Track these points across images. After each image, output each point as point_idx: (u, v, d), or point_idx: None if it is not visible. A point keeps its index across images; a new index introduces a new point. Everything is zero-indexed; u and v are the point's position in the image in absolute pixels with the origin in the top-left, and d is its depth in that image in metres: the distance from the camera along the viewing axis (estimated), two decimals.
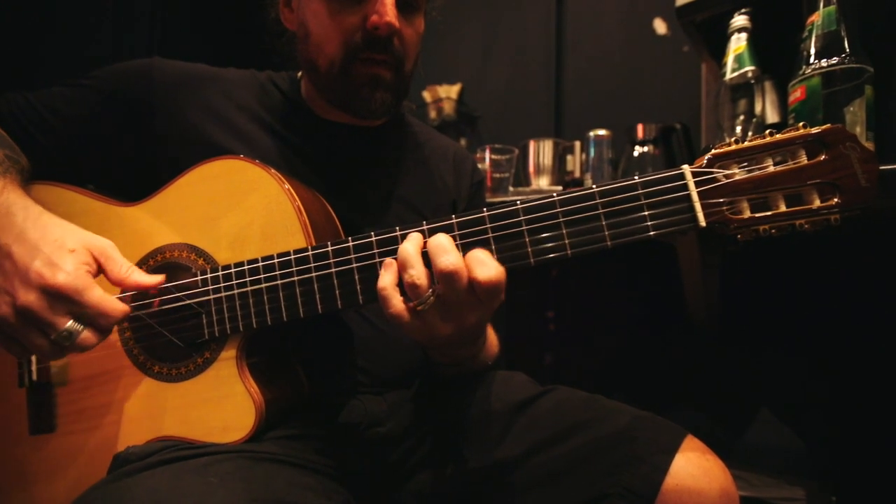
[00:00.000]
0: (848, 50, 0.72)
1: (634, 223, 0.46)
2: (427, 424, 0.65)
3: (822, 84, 0.72)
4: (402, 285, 0.46)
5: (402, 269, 0.46)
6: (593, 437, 0.57)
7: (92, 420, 0.56)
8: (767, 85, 0.86)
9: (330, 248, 0.51)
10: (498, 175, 1.22)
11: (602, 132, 1.16)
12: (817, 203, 0.47)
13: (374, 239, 0.49)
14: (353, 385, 0.64)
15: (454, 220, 0.48)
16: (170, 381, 0.55)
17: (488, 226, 0.47)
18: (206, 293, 0.54)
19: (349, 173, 0.70)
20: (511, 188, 1.24)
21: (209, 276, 0.54)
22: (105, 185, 0.65)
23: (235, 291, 0.53)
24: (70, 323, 0.46)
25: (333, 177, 0.68)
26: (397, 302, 0.46)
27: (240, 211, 0.55)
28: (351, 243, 0.50)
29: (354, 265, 0.50)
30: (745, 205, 0.47)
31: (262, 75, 0.74)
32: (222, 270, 0.54)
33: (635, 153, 1.30)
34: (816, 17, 0.74)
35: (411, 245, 0.46)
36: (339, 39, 0.62)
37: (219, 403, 0.53)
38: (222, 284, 0.54)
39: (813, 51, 0.74)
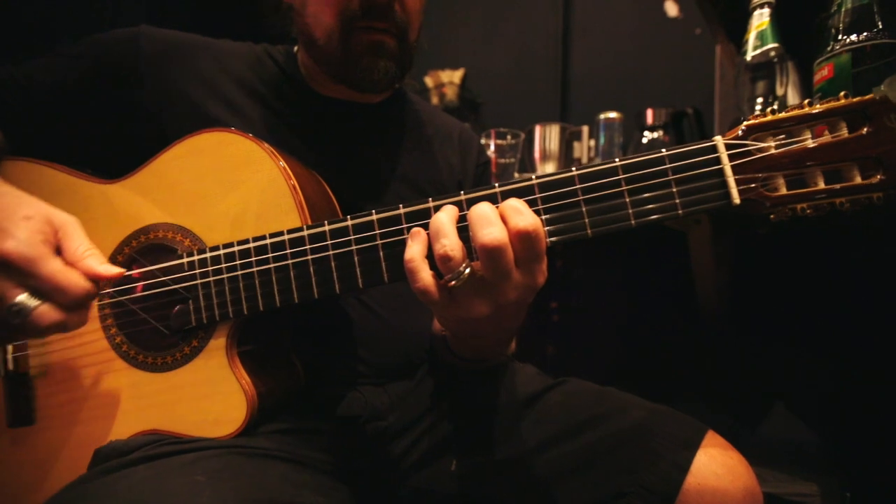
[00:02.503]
0: (880, 24, 0.67)
1: (661, 200, 0.42)
2: (431, 418, 0.62)
3: (851, 61, 0.68)
4: (432, 259, 0.41)
5: (433, 238, 0.40)
6: (608, 432, 0.54)
7: (73, 413, 0.53)
8: (790, 65, 0.81)
9: (327, 228, 0.47)
10: (503, 161, 1.17)
11: (613, 115, 1.12)
12: (858, 180, 0.43)
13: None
14: (353, 376, 0.61)
15: (462, 197, 0.44)
16: (155, 371, 0.51)
17: (500, 203, 0.43)
18: (194, 277, 0.50)
19: (347, 151, 0.66)
20: (516, 174, 1.20)
21: (196, 258, 0.50)
22: (91, 161, 0.61)
23: (224, 275, 0.49)
24: (23, 296, 0.41)
25: (331, 154, 0.64)
26: (426, 275, 0.40)
27: (230, 188, 0.51)
28: (350, 223, 0.46)
29: (354, 247, 0.46)
30: (781, 181, 0.43)
31: (258, 47, 0.69)
32: (210, 252, 0.50)
33: (644, 139, 1.26)
34: None
35: (445, 215, 0.41)
36: (336, 8, 0.58)
37: (208, 395, 0.49)
38: (210, 268, 0.50)
39: (842, 26, 0.70)
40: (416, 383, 0.66)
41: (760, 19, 0.79)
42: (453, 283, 0.39)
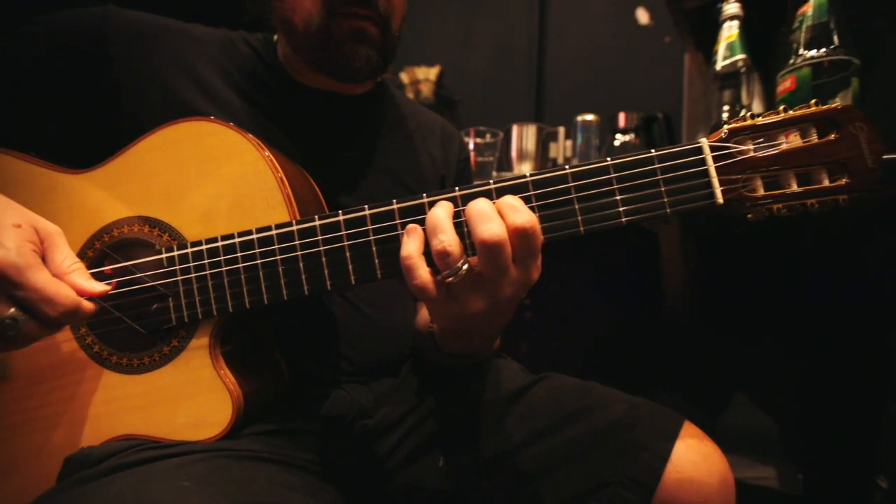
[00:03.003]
0: (837, 42, 0.72)
1: (650, 199, 0.43)
2: (417, 415, 0.62)
3: (812, 75, 0.73)
4: (429, 255, 0.41)
5: (431, 234, 0.40)
6: (592, 425, 0.56)
7: (37, 420, 0.49)
8: (755, 75, 0.86)
9: (317, 223, 0.46)
10: (482, 159, 1.18)
11: (590, 117, 1.15)
12: (826, 183, 0.46)
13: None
14: (338, 374, 0.60)
15: (457, 193, 0.44)
16: (131, 373, 0.48)
17: (495, 200, 0.44)
18: (174, 273, 0.48)
19: (329, 143, 0.65)
20: (494, 173, 1.21)
21: (176, 253, 0.48)
22: (57, 153, 0.56)
23: (208, 272, 0.47)
24: (13, 310, 0.39)
25: (312, 147, 0.62)
26: (423, 272, 0.40)
27: (212, 180, 0.49)
28: (342, 217, 0.45)
29: (346, 242, 0.45)
30: (759, 182, 0.45)
31: (235, 34, 0.67)
32: (192, 248, 0.48)
33: (616, 141, 1.30)
34: (808, 8, 0.75)
35: (442, 210, 0.41)
36: None
37: (189, 397, 0.47)
38: (192, 263, 0.48)
39: (803, 41, 0.74)
40: (401, 381, 0.65)
41: (730, 31, 0.83)
42: (451, 278, 0.39)
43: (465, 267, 0.40)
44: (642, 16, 1.43)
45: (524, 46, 1.62)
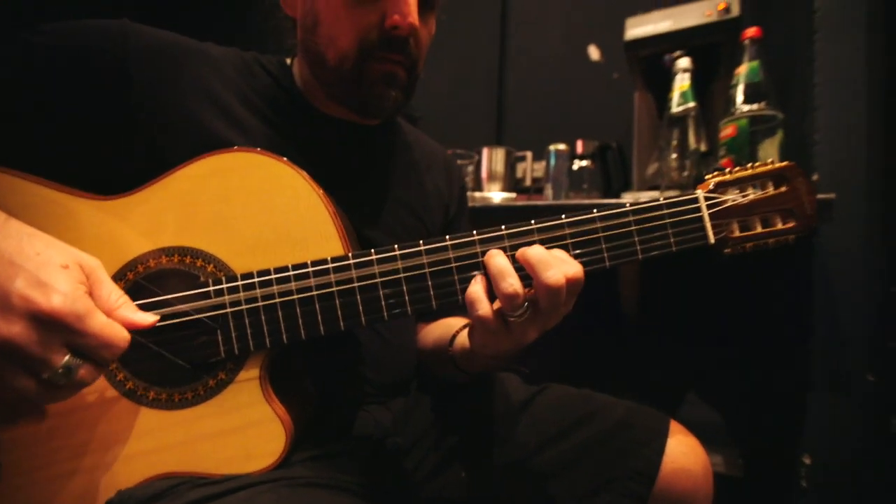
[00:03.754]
0: (766, 99, 0.89)
1: (661, 239, 0.52)
2: (436, 431, 0.65)
3: (749, 124, 0.89)
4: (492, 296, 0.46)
5: (498, 278, 0.45)
6: (597, 429, 0.63)
7: (60, 463, 0.46)
8: (701, 120, 1.02)
9: (374, 257, 0.49)
10: None
11: (562, 146, 1.26)
12: (780, 225, 0.58)
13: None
14: (360, 396, 0.62)
15: (504, 232, 0.49)
16: (171, 409, 0.47)
17: (537, 238, 0.50)
18: (222, 305, 0.47)
19: (346, 172, 0.66)
20: (468, 194, 1.27)
21: (225, 285, 0.48)
22: (60, 177, 0.52)
23: (260, 304, 0.48)
24: (67, 357, 0.37)
25: (330, 175, 0.64)
26: (488, 308, 0.46)
27: (261, 212, 0.49)
28: (398, 251, 0.49)
29: (402, 275, 0.49)
30: (735, 225, 0.56)
31: (248, 55, 0.66)
32: (242, 279, 0.48)
33: (574, 167, 1.43)
34: (744, 69, 0.91)
35: (503, 258, 0.47)
36: (354, 36, 0.58)
37: (238, 429, 0.47)
38: (242, 295, 0.48)
39: (741, 97, 0.91)
40: (413, 400, 0.68)
41: (682, 81, 0.98)
42: (518, 316, 0.45)
43: (527, 307, 0.46)
44: (593, 52, 1.59)
45: (485, 71, 1.72)
